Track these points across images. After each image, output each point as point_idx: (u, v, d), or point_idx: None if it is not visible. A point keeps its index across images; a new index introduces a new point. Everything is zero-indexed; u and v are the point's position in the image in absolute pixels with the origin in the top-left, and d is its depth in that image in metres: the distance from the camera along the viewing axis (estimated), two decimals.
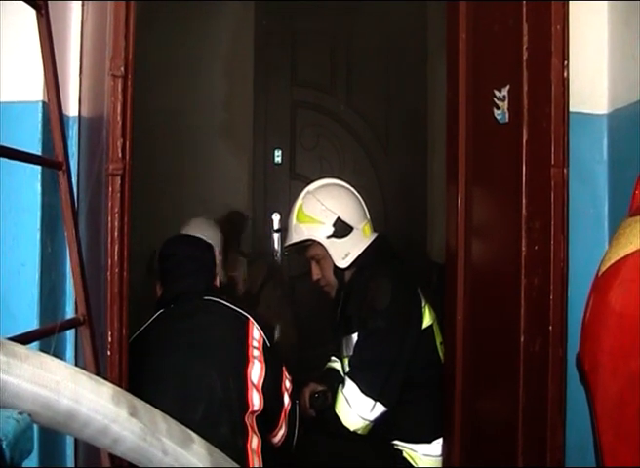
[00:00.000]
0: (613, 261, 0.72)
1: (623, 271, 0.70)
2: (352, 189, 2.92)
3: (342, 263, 2.77)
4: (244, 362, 2.28)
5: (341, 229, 2.76)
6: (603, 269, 0.74)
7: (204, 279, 2.46)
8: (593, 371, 0.73)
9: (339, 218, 2.76)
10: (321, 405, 2.72)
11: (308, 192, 2.88)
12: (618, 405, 0.68)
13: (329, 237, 2.76)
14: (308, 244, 2.81)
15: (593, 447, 0.74)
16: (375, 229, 2.92)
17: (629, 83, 1.94)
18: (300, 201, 2.86)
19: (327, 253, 2.77)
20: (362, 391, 2.55)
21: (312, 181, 2.98)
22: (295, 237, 2.83)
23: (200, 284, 2.43)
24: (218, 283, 2.54)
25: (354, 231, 2.78)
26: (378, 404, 2.56)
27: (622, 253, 0.70)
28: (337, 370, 2.91)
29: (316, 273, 2.86)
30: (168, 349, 2.29)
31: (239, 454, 2.16)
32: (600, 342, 0.72)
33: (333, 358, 3.00)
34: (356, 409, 2.56)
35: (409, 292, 2.72)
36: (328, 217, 2.77)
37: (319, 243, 2.77)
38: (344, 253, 2.76)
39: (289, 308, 3.47)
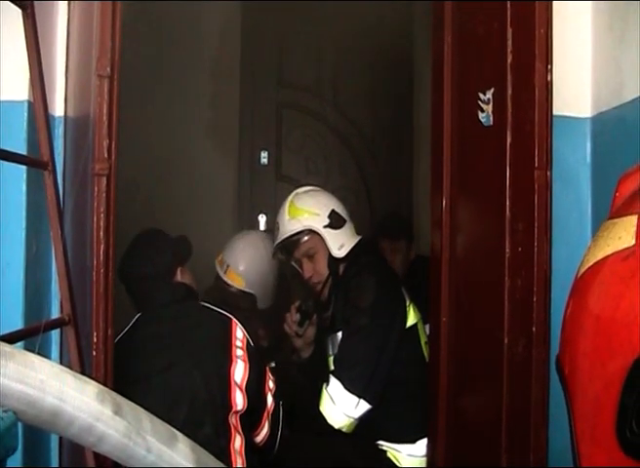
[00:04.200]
0: (591, 263, 0.72)
1: (601, 274, 0.70)
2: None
3: (339, 253, 2.78)
4: (227, 361, 2.28)
5: (336, 220, 2.80)
6: (582, 271, 0.75)
7: (170, 286, 2.44)
8: (571, 374, 0.74)
9: (333, 210, 2.81)
10: (304, 317, 2.85)
11: (297, 194, 2.92)
12: (594, 409, 0.68)
13: (325, 227, 2.79)
14: (300, 238, 2.82)
15: (571, 450, 0.75)
16: (361, 228, 2.96)
17: (612, 87, 1.95)
18: (289, 202, 2.89)
19: (323, 244, 2.78)
20: (346, 388, 2.55)
21: (299, 185, 3.04)
22: (289, 231, 2.82)
23: (170, 292, 2.42)
24: (179, 274, 2.50)
25: (347, 224, 2.83)
26: (362, 401, 2.56)
27: (600, 256, 0.71)
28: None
29: (308, 270, 2.85)
30: (150, 351, 2.29)
31: (222, 454, 2.16)
32: (578, 345, 0.72)
33: None
34: (340, 406, 2.56)
35: (393, 291, 2.74)
36: (322, 209, 2.81)
37: (315, 233, 2.79)
38: (340, 243, 2.79)
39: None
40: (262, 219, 4.84)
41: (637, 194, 0.75)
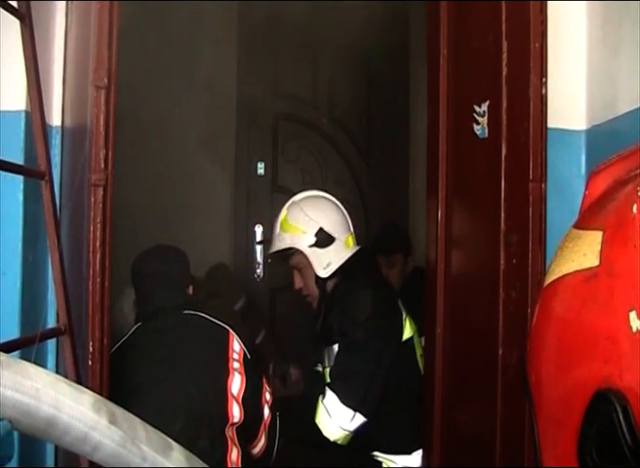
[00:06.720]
0: (556, 276, 0.69)
1: (564, 290, 0.66)
2: (337, 202, 2.93)
3: (324, 273, 2.77)
4: (224, 374, 2.28)
5: (323, 239, 2.77)
6: (548, 281, 0.72)
7: (179, 292, 2.45)
8: (536, 386, 0.72)
9: (321, 228, 2.77)
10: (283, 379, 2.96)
11: (293, 202, 2.89)
12: (557, 429, 0.67)
13: (311, 246, 2.77)
14: (291, 253, 2.81)
15: (534, 454, 0.74)
16: (357, 241, 2.93)
17: (606, 100, 1.96)
18: (284, 210, 2.87)
19: (309, 262, 2.78)
20: (342, 401, 2.55)
21: (298, 192, 3.00)
22: (278, 245, 2.83)
23: (176, 297, 2.42)
24: (191, 290, 2.52)
25: (336, 242, 2.79)
26: (357, 414, 2.56)
27: (564, 270, 0.68)
28: (320, 374, 2.91)
29: (298, 283, 2.86)
30: (147, 363, 2.29)
31: (219, 466, 2.16)
32: (542, 360, 0.71)
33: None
34: (336, 419, 2.56)
35: (389, 304, 2.74)
36: (310, 227, 2.78)
37: (301, 252, 2.78)
38: (326, 262, 2.77)
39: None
40: (259, 230, 4.84)
41: (604, 202, 0.73)
